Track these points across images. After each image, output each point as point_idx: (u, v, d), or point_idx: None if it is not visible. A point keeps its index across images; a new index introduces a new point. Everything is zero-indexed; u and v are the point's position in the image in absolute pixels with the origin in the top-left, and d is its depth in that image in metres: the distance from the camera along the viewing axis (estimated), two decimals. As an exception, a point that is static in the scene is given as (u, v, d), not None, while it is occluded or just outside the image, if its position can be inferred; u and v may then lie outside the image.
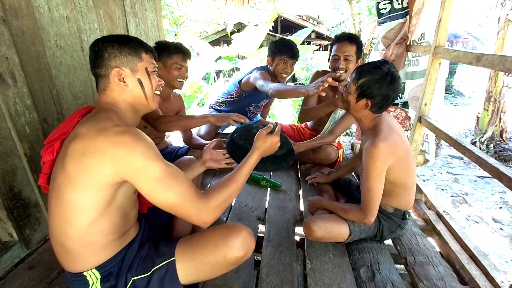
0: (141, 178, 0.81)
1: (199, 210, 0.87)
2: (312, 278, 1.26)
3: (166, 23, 8.17)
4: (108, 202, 0.85)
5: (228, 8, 3.39)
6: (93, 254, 0.89)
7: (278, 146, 1.11)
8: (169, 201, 0.84)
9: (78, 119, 0.94)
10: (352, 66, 1.85)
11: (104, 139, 0.79)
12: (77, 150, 0.80)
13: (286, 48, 2.13)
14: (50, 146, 0.93)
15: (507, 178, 1.19)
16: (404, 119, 2.44)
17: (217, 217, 0.92)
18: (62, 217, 0.84)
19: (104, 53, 0.92)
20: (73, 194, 0.81)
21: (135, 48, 0.96)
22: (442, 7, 1.82)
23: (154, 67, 1.01)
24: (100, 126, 0.83)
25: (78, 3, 1.59)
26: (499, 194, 3.74)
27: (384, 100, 1.23)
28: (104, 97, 0.95)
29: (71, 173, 0.81)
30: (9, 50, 1.24)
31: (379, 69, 1.21)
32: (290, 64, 2.18)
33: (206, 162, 1.30)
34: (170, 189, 0.83)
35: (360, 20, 6.32)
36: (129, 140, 0.80)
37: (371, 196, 1.23)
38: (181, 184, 0.85)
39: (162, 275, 0.94)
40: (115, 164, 0.79)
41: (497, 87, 4.80)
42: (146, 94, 0.99)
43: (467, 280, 1.39)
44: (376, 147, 1.18)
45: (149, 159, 0.81)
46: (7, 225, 1.33)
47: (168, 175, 0.83)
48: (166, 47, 1.70)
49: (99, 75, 0.95)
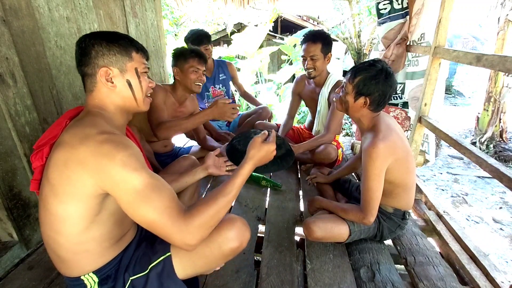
0: (120, 189, 0.75)
1: (181, 229, 0.76)
2: (312, 278, 1.26)
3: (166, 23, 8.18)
4: (97, 211, 0.81)
5: (228, 8, 3.40)
6: (89, 261, 0.87)
7: (274, 154, 1.03)
8: (147, 216, 0.75)
9: (66, 123, 0.90)
10: (320, 64, 1.99)
11: (86, 149, 0.75)
12: (59, 160, 0.77)
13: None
14: (39, 152, 0.89)
15: (507, 178, 1.19)
16: (404, 119, 2.44)
17: (203, 237, 0.80)
18: (51, 227, 0.81)
19: (91, 50, 0.86)
20: (59, 205, 0.78)
21: (125, 46, 0.90)
22: (442, 7, 1.82)
23: (145, 67, 0.95)
24: (84, 133, 0.78)
25: (78, 4, 1.59)
26: (499, 194, 3.74)
27: (382, 97, 1.24)
28: (91, 99, 0.90)
29: (54, 183, 0.77)
30: (9, 50, 1.24)
31: (374, 66, 1.23)
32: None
33: (208, 168, 1.30)
34: (149, 203, 0.75)
35: (360, 20, 6.31)
36: (110, 149, 0.75)
37: (371, 196, 1.23)
38: (162, 198, 0.76)
39: (160, 271, 0.93)
40: (95, 176, 0.75)
41: (497, 87, 4.80)
42: (136, 96, 0.93)
43: (467, 280, 1.38)
44: (375, 147, 1.18)
45: (129, 169, 0.74)
46: (7, 225, 1.33)
47: (149, 188, 0.76)
48: (182, 53, 1.76)
49: (86, 73, 0.89)
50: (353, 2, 6.16)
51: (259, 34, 5.60)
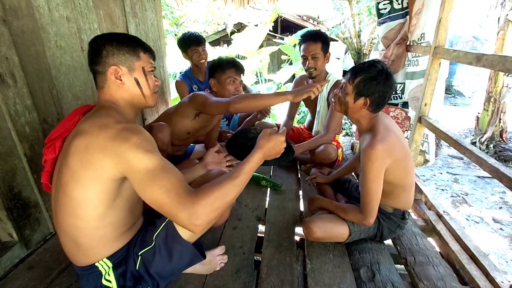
0: (133, 170, 0.81)
1: (187, 208, 0.79)
2: (312, 278, 1.26)
3: (166, 23, 8.17)
4: (114, 196, 0.87)
5: (228, 8, 3.40)
6: (105, 246, 0.93)
7: (283, 147, 0.99)
8: (156, 194, 0.80)
9: (79, 118, 0.97)
10: (321, 63, 1.99)
11: (105, 135, 0.82)
12: (80, 146, 0.83)
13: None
14: (51, 145, 0.96)
15: (507, 178, 1.19)
16: (404, 119, 2.44)
17: (211, 220, 0.82)
18: (71, 213, 0.86)
19: (103, 50, 0.93)
20: (80, 189, 0.83)
21: (134, 47, 0.97)
22: (442, 7, 1.82)
23: (151, 67, 1.02)
24: (102, 122, 0.85)
25: (78, 3, 1.59)
26: (499, 194, 3.73)
27: (382, 98, 1.24)
28: (103, 94, 0.97)
29: (75, 169, 0.83)
30: (9, 50, 1.24)
31: (374, 67, 1.23)
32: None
33: (207, 164, 1.32)
34: (158, 182, 0.79)
35: (360, 20, 6.31)
36: (127, 134, 0.82)
37: (370, 197, 1.23)
38: (171, 178, 0.81)
39: (164, 238, 0.96)
40: (113, 159, 0.81)
41: (497, 87, 4.80)
42: (144, 93, 1.00)
43: (467, 280, 1.39)
44: (374, 149, 1.18)
45: (142, 151, 0.81)
46: (7, 225, 1.33)
47: (159, 168, 0.81)
48: (219, 63, 1.72)
49: (97, 71, 0.96)
50: (353, 2, 6.16)
51: (259, 34, 5.60)
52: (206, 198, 0.81)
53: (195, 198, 0.80)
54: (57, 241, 1.47)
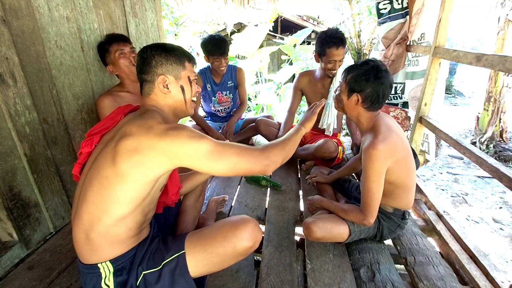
0: (195, 158, 0.89)
1: (257, 157, 0.97)
2: (312, 278, 1.26)
3: (166, 23, 8.16)
4: (145, 196, 0.92)
5: (228, 8, 3.39)
6: (113, 246, 0.93)
7: (314, 118, 1.23)
8: (230, 162, 0.93)
9: (120, 117, 1.03)
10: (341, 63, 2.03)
11: (154, 135, 0.87)
12: (129, 147, 0.87)
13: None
14: (90, 139, 1.01)
15: (507, 178, 1.19)
16: (404, 119, 2.44)
17: (277, 161, 1.03)
18: (100, 205, 0.89)
19: (152, 60, 0.99)
20: (121, 185, 0.87)
21: (180, 57, 1.03)
22: (442, 7, 1.82)
23: (195, 76, 1.09)
24: (148, 124, 0.90)
25: (78, 3, 1.59)
26: (499, 194, 3.73)
27: (374, 94, 1.24)
28: (148, 100, 1.03)
29: (124, 168, 0.87)
30: (9, 50, 1.24)
31: (365, 65, 1.26)
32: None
33: None
34: (225, 153, 0.92)
35: (360, 20, 6.30)
36: (175, 132, 0.88)
37: (371, 197, 1.23)
38: (232, 146, 0.95)
39: (173, 268, 0.96)
40: (168, 154, 0.87)
41: (497, 87, 4.80)
42: (186, 100, 1.07)
43: (467, 280, 1.39)
44: (375, 149, 1.18)
45: (195, 139, 0.89)
46: (7, 225, 1.33)
47: (219, 145, 0.92)
48: (100, 47, 1.69)
49: (145, 80, 1.01)
50: (353, 2, 6.16)
51: (259, 34, 5.59)
52: (272, 146, 1.05)
53: (263, 149, 1.01)
54: (57, 241, 1.48)
